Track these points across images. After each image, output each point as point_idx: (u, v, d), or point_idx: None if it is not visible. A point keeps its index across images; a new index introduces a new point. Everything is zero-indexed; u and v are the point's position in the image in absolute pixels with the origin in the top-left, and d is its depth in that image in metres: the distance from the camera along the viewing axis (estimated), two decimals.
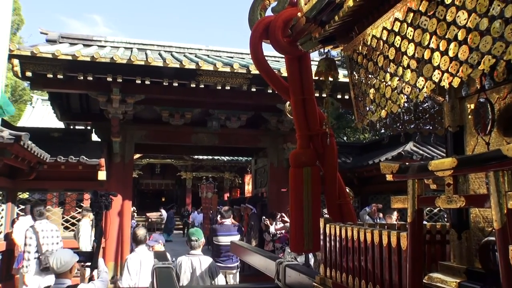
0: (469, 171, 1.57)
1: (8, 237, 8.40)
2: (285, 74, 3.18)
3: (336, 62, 2.78)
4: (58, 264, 3.54)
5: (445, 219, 7.34)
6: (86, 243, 6.99)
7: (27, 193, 9.44)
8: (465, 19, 1.47)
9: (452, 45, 1.54)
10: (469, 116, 1.88)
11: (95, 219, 4.45)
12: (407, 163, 1.67)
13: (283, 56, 2.79)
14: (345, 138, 21.29)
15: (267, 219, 8.75)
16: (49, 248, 6.10)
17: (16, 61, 7.22)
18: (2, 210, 8.45)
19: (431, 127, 2.26)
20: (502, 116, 1.69)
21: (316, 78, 2.75)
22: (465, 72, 1.47)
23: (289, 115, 2.89)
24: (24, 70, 7.35)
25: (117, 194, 6.10)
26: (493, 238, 1.54)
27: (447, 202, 1.45)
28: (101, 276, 3.99)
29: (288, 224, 7.36)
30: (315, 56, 6.40)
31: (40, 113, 24.03)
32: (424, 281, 1.59)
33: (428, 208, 8.18)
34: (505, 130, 1.68)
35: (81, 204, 9.04)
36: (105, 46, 9.42)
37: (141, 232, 5.31)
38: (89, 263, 4.24)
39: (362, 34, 2.24)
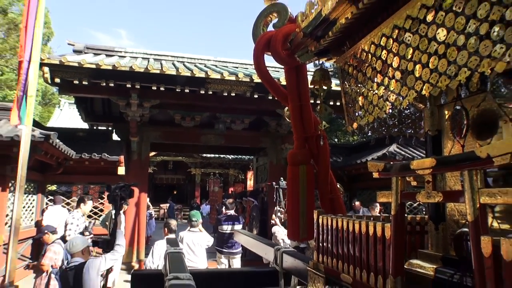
0: (446, 170, 1.58)
1: (38, 224, 8.42)
2: (284, 82, 3.19)
3: (329, 72, 2.78)
4: (70, 245, 3.82)
5: (424, 212, 7.34)
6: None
7: (55, 185, 9.47)
8: (444, 36, 1.48)
9: (432, 58, 1.54)
10: (447, 122, 1.89)
11: (114, 210, 4.45)
12: (391, 163, 1.67)
13: (283, 66, 2.79)
14: (336, 140, 21.24)
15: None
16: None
17: (46, 69, 7.25)
18: (34, 200, 8.48)
19: (412, 131, 2.26)
20: (476, 122, 1.70)
21: (312, 86, 2.75)
22: (443, 83, 1.47)
23: (287, 119, 2.89)
24: (53, 77, 7.38)
25: (137, 184, 6.14)
26: (466, 230, 1.55)
27: (427, 197, 1.45)
28: (114, 249, 3.98)
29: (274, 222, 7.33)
30: (310, 67, 6.41)
31: (67, 115, 24.10)
32: (405, 266, 1.60)
33: (409, 202, 8.18)
34: (478, 134, 1.69)
35: (103, 195, 9.06)
36: (125, 56, 9.44)
37: (173, 222, 5.45)
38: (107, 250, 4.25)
39: (353, 48, 2.24)
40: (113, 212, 7.02)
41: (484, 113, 1.67)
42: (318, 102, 2.76)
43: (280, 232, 6.82)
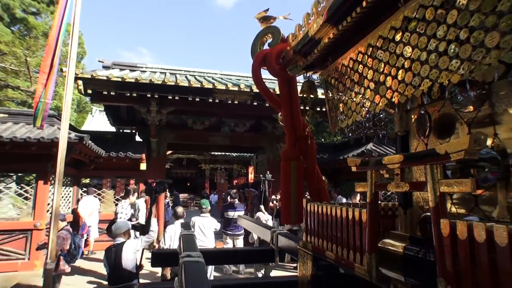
0: (412, 164, 1.58)
1: (74, 212, 8.43)
2: (278, 92, 3.18)
3: (316, 83, 2.77)
4: (115, 228, 3.93)
5: (395, 200, 7.33)
6: (143, 217, 6.74)
7: (88, 179, 9.47)
8: (410, 52, 1.48)
9: (400, 71, 1.54)
10: (413, 124, 1.89)
11: (150, 202, 4.52)
12: (367, 158, 1.67)
13: (276, 79, 2.78)
14: (322, 140, 21.15)
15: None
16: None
17: (80, 82, 7.24)
18: (70, 191, 8.47)
19: (385, 132, 2.26)
20: (437, 124, 1.70)
21: (301, 95, 2.75)
22: (409, 92, 1.47)
23: (281, 123, 2.88)
24: (86, 89, 7.38)
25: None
26: (429, 214, 1.55)
27: (396, 187, 1.45)
28: (148, 234, 4.03)
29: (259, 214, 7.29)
30: (300, 79, 6.41)
31: (98, 120, 24.05)
32: (379, 245, 1.60)
33: (383, 192, 8.18)
34: (439, 134, 1.69)
35: (128, 187, 9.05)
36: (145, 71, 9.43)
37: (180, 210, 5.39)
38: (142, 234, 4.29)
39: (334, 62, 2.24)
40: (137, 201, 6.96)
41: (444, 116, 1.67)
42: (307, 108, 2.75)
43: (262, 217, 6.91)
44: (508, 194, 1.32)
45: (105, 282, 6.08)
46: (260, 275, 5.95)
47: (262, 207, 7.58)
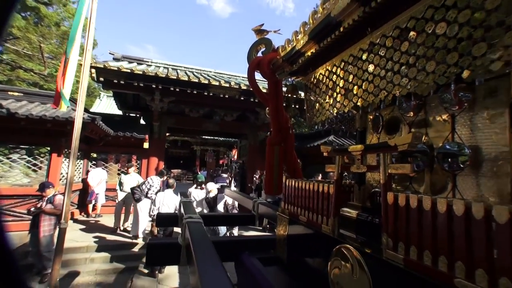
0: (370, 152, 1.70)
1: (83, 181, 8.22)
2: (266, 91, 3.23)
3: (297, 86, 2.85)
4: (208, 186, 5.33)
5: (351, 179, 7.65)
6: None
7: (96, 154, 9.21)
8: (372, 69, 1.60)
9: (364, 83, 1.65)
10: (369, 123, 2.04)
11: (237, 176, 4.86)
12: (336, 147, 1.80)
13: (266, 80, 2.83)
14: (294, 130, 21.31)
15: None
16: None
17: (93, 70, 6.95)
18: (81, 164, 8.23)
19: (348, 127, 2.39)
20: (387, 124, 1.86)
21: (285, 95, 2.82)
22: (370, 99, 1.59)
23: (267, 116, 2.94)
24: (99, 77, 7.09)
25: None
26: (377, 190, 1.72)
27: (357, 169, 1.58)
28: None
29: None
30: (286, 82, 6.48)
31: (105, 104, 22.90)
32: (340, 212, 1.76)
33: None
34: (388, 131, 1.85)
35: (162, 169, 8.88)
36: (151, 65, 9.14)
37: (171, 181, 5.40)
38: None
39: (314, 71, 2.30)
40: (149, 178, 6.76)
41: (392, 118, 1.84)
42: (289, 105, 2.84)
43: (232, 188, 7.28)
44: (432, 176, 1.51)
45: (110, 237, 6.10)
46: (234, 233, 6.19)
47: (227, 180, 7.95)
